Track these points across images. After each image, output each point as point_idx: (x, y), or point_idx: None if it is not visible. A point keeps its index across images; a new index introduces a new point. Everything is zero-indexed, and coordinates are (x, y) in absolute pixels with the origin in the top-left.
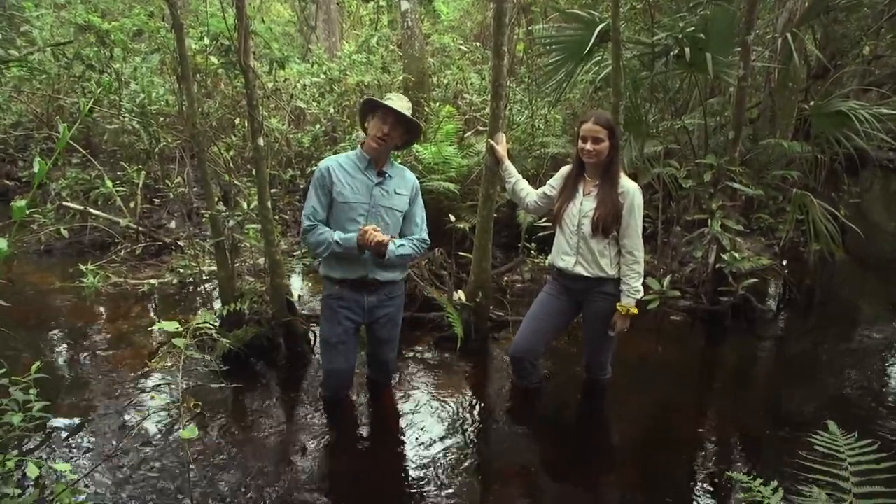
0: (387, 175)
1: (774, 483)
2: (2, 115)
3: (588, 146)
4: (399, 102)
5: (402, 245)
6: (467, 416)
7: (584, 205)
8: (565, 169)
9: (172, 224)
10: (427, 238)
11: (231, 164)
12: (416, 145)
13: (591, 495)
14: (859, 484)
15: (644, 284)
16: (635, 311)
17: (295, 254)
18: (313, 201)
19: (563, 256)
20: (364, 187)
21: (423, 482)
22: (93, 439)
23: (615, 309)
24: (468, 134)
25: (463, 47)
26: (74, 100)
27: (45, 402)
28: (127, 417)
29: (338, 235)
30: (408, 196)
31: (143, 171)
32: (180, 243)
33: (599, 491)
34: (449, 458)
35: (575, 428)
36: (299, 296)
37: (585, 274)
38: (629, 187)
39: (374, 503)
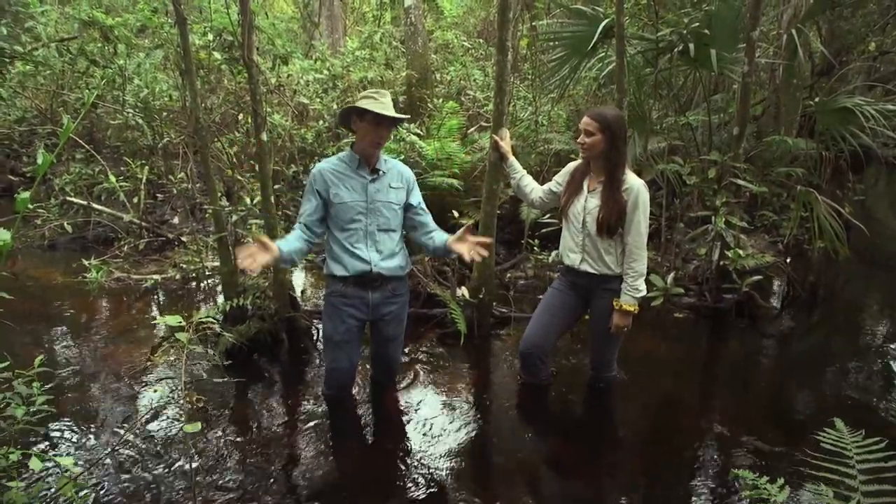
0: (380, 172)
1: (781, 481)
2: (6, 111)
3: (580, 139)
4: (385, 102)
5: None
6: (470, 412)
7: (589, 202)
8: (572, 165)
9: (176, 220)
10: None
11: (234, 160)
12: (419, 141)
13: (596, 492)
14: (867, 482)
15: (647, 281)
16: (632, 308)
17: None
18: (304, 206)
19: (569, 253)
20: (359, 186)
21: (427, 479)
22: (96, 433)
23: None
24: (471, 130)
25: (466, 43)
26: (78, 95)
27: (48, 396)
28: (130, 411)
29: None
30: (404, 189)
31: (147, 167)
32: (183, 239)
33: (605, 488)
34: (453, 455)
35: (579, 425)
36: (302, 291)
37: (591, 271)
38: (634, 184)
39: (377, 500)
